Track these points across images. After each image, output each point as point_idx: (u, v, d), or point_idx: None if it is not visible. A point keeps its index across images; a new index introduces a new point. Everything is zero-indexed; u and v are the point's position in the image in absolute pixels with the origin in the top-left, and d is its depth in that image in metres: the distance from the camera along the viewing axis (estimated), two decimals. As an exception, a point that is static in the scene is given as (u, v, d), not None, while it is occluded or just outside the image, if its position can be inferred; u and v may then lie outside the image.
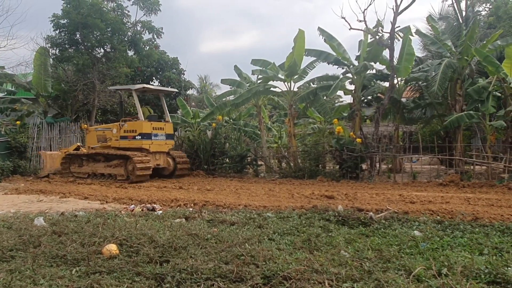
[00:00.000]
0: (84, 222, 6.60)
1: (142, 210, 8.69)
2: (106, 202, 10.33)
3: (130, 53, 21.22)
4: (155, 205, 9.18)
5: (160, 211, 8.30)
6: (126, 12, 19.55)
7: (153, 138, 15.32)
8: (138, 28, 20.16)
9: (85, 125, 17.52)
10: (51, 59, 20.31)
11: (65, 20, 18.45)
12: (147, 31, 20.27)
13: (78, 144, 17.46)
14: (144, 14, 19.59)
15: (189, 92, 34.84)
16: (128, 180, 14.47)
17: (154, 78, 29.74)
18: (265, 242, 5.33)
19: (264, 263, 4.35)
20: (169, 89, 18.79)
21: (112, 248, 4.84)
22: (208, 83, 49.43)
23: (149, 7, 19.35)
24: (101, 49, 19.65)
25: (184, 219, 7.09)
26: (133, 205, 9.43)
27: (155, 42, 24.60)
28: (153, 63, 27.34)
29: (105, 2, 18.93)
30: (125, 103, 23.62)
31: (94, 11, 17.72)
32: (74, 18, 17.72)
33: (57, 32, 18.90)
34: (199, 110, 24.12)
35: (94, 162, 15.73)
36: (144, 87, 16.15)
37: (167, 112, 17.54)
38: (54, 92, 20.69)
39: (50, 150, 19.08)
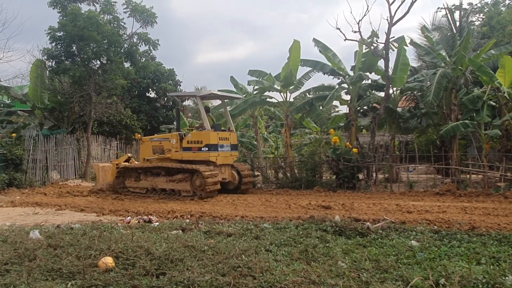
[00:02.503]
0: (80, 234, 6.57)
1: (139, 222, 8.66)
2: (103, 214, 10.29)
3: (127, 64, 21.26)
4: (151, 217, 9.15)
5: (157, 223, 8.27)
6: (123, 24, 19.59)
7: (219, 149, 13.78)
8: (135, 40, 20.20)
9: (139, 135, 16.14)
10: (47, 71, 20.32)
11: (61, 33, 18.48)
12: (143, 43, 20.30)
13: (129, 155, 16.38)
14: (140, 26, 19.64)
15: (186, 103, 34.91)
16: (195, 196, 13.04)
17: (150, 89, 29.80)
18: (262, 253, 5.32)
19: (261, 274, 4.34)
20: (235, 95, 17.13)
21: (108, 261, 4.81)
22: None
23: (145, 19, 19.40)
24: (98, 61, 19.66)
25: (180, 231, 7.07)
26: (129, 217, 9.40)
27: (151, 54, 24.73)
28: (150, 74, 27.41)
29: (102, 15, 18.98)
30: (121, 114, 23.66)
31: (91, 24, 17.77)
32: (71, 31, 17.76)
33: (53, 44, 18.92)
34: (195, 121, 24.15)
35: (153, 176, 14.12)
36: (211, 93, 14.73)
37: (231, 120, 15.90)
38: (50, 104, 20.67)
39: (46, 163, 19.01)
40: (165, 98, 29.93)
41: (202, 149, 13.51)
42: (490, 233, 6.43)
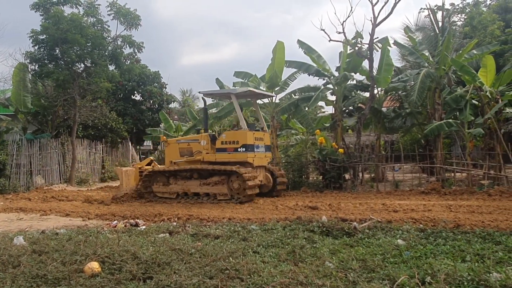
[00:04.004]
0: (65, 240, 6.49)
1: (125, 226, 8.57)
2: (88, 218, 10.17)
3: (111, 67, 21.10)
4: (138, 221, 9.07)
5: (144, 227, 8.20)
6: (106, 27, 19.44)
7: (255, 150, 13.02)
8: (119, 43, 20.06)
9: (164, 137, 15.31)
10: (30, 75, 20.06)
11: (44, 36, 18.28)
12: (127, 45, 20.17)
13: (151, 158, 15.81)
14: (124, 29, 19.51)
15: (172, 105, 34.79)
16: (232, 199, 12.29)
17: (135, 92, 29.64)
18: (249, 255, 5.31)
19: (248, 276, 4.33)
20: (268, 93, 16.37)
21: (94, 266, 4.76)
22: (190, 96, 49.44)
23: (129, 22, 19.28)
24: (81, 64, 19.48)
25: (167, 234, 7.02)
26: (115, 221, 9.30)
27: (136, 57, 24.56)
28: (135, 77, 27.26)
29: (85, 18, 18.81)
30: (106, 117, 23.46)
31: (74, 27, 17.60)
32: (54, 34, 17.57)
33: (36, 47, 18.70)
34: (181, 124, 24.09)
35: (183, 179, 13.26)
36: (249, 90, 13.66)
37: (263, 120, 15.16)
38: (34, 108, 20.41)
39: (30, 167, 18.75)
40: (151, 101, 29.81)
41: (239, 149, 12.69)
42: (474, 230, 6.50)
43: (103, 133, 23.99)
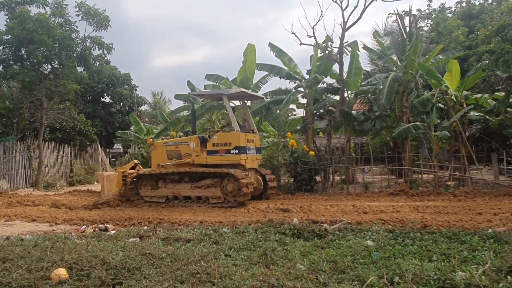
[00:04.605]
0: (31, 246, 6.30)
1: (94, 230, 8.41)
2: (56, 224, 9.91)
3: (80, 69, 20.66)
4: (107, 225, 8.91)
5: (113, 231, 8.06)
6: (75, 27, 19.00)
7: (247, 152, 12.79)
8: (88, 44, 19.65)
9: (150, 140, 14.83)
10: (-6, 76, 19.45)
11: (9, 36, 17.74)
12: (96, 46, 19.77)
13: (135, 161, 15.17)
14: (93, 30, 19.13)
15: (142, 108, 34.38)
16: (226, 203, 12.00)
17: (105, 94, 29.15)
18: (221, 259, 5.29)
19: (220, 280, 4.32)
20: (259, 95, 16.08)
21: (61, 272, 4.64)
22: (161, 98, 49.02)
23: (98, 23, 18.91)
24: (49, 65, 18.99)
25: (138, 238, 6.92)
26: (84, 226, 9.11)
27: (106, 58, 24.09)
28: (104, 79, 26.80)
29: (52, 18, 18.35)
30: (75, 120, 22.98)
31: (41, 27, 17.13)
32: (19, 34, 17.06)
33: (0, 48, 18.15)
34: (152, 126, 23.85)
35: (173, 183, 12.91)
36: (242, 91, 13.35)
37: (253, 121, 14.98)
38: (-2, 110, 19.81)
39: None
40: (121, 103, 29.38)
41: (231, 151, 12.45)
42: (441, 230, 6.67)
43: (71, 136, 23.46)
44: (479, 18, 24.75)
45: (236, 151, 12.39)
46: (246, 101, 15.33)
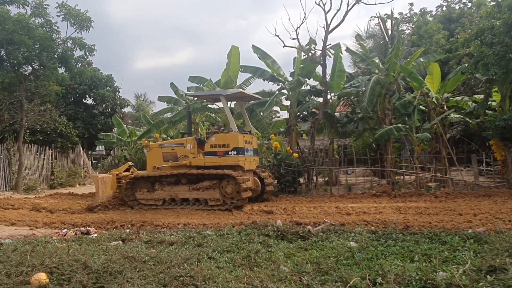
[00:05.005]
0: (11, 250, 6.18)
1: (76, 234, 8.29)
2: (36, 227, 9.74)
3: (61, 70, 20.38)
4: (89, 228, 8.79)
5: (95, 235, 7.97)
6: (56, 28, 18.74)
7: (245, 153, 12.58)
8: (69, 45, 19.40)
9: (146, 141, 14.49)
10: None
11: (-12, 36, 17.45)
12: (78, 48, 19.54)
13: (129, 163, 14.82)
14: (75, 31, 18.91)
15: (125, 110, 34.10)
16: (225, 205, 11.75)
17: (87, 96, 28.84)
18: (204, 261, 5.27)
19: (203, 283, 4.31)
20: (258, 96, 15.56)
21: (42, 277, 4.57)
22: (144, 100, 48.67)
23: (80, 24, 18.69)
24: (29, 66, 18.71)
25: (120, 242, 6.85)
26: (65, 230, 8.98)
27: (88, 59, 23.82)
28: (86, 80, 26.52)
29: (33, 18, 18.08)
30: (56, 122, 22.66)
31: (21, 27, 16.85)
32: (-2, 34, 16.82)
33: (-22, 49, 17.82)
34: (135, 128, 23.62)
35: (170, 185, 12.66)
36: (240, 92, 13.22)
37: (249, 122, 14.79)
38: (-24, 112, 19.42)
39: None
40: (103, 105, 29.09)
41: (230, 153, 12.23)
42: (422, 231, 6.75)
43: (52, 138, 23.11)
44: (459, 22, 25.22)
45: (235, 152, 12.21)
46: (243, 102, 15.20)
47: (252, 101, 16.41)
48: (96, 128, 27.84)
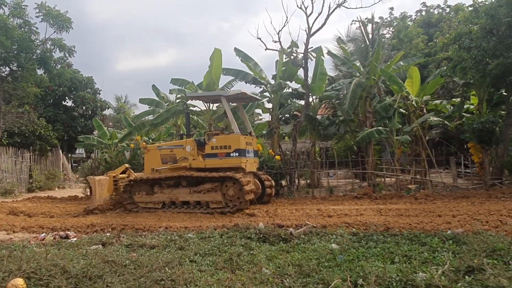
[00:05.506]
0: (-13, 255, 6.04)
1: (54, 238, 8.15)
2: (13, 232, 9.55)
3: (40, 71, 20.10)
4: (68, 232, 8.65)
5: (75, 239, 7.84)
6: (35, 29, 18.49)
7: (247, 155, 12.37)
8: (48, 46, 19.15)
9: (144, 143, 14.16)
10: None
11: (-36, 37, 17.09)
12: (58, 49, 19.30)
13: (126, 165, 14.52)
14: (54, 32, 18.67)
15: (106, 112, 33.71)
16: (226, 207, 11.46)
17: (67, 97, 28.43)
18: (186, 265, 5.24)
19: (185, 286, 4.28)
20: (259, 97, 15.63)
21: (18, 282, 4.47)
22: (126, 102, 48.19)
23: (59, 25, 18.46)
24: (7, 67, 18.39)
25: (100, 246, 6.76)
26: (44, 234, 8.82)
27: (67, 61, 23.54)
28: (66, 82, 26.16)
29: (11, 19, 17.78)
30: (35, 124, 22.28)
31: (-2, 28, 16.61)
32: (-25, 35, 16.48)
33: (-46, 49, 17.43)
34: (116, 131, 23.37)
35: (169, 187, 12.38)
36: (241, 93, 13.00)
37: (249, 124, 14.67)
38: (-48, 114, 18.99)
39: None
40: (83, 107, 28.72)
41: (231, 154, 11.99)
42: (402, 233, 6.82)
43: (30, 141, 22.71)
44: (438, 27, 25.68)
45: (237, 154, 11.98)
46: (243, 103, 15.09)
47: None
48: (76, 131, 27.46)
